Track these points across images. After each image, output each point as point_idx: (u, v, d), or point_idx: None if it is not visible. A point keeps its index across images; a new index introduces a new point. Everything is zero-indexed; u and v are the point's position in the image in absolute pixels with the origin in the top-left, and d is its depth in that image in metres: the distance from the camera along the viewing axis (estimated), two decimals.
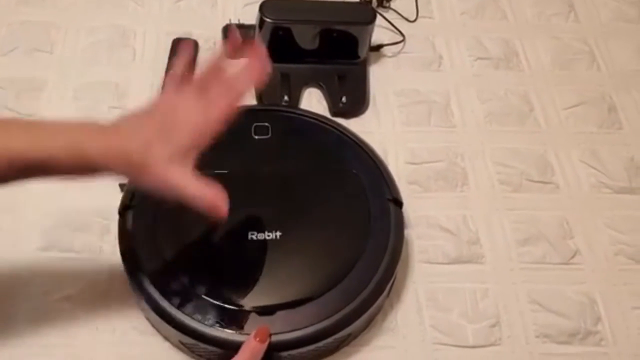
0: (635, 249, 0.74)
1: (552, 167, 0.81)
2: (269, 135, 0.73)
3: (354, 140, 0.74)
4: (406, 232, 0.68)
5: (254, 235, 0.64)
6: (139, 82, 0.84)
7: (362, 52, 0.87)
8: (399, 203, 0.69)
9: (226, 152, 0.71)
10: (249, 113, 0.77)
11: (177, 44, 0.88)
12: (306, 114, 0.77)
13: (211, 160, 0.68)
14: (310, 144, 0.73)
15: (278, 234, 0.64)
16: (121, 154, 0.49)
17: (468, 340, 0.66)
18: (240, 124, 0.73)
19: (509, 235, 0.74)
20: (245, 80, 0.54)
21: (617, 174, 0.80)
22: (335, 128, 0.75)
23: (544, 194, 0.78)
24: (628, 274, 0.73)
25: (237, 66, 0.54)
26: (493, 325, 0.67)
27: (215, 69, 0.54)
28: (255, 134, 0.73)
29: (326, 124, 0.75)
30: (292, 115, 0.77)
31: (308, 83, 0.86)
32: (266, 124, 0.73)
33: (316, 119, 0.76)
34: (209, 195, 0.50)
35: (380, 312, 0.67)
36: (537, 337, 0.67)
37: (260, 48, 0.55)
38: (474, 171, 0.80)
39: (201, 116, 0.50)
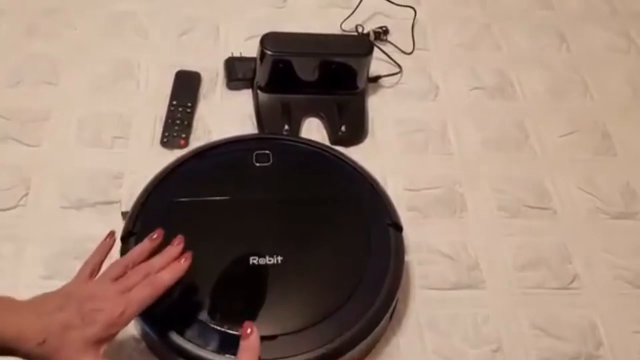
0: (633, 273, 0.75)
1: (549, 193, 0.82)
2: (270, 163, 0.74)
3: (353, 167, 0.75)
4: (406, 258, 0.69)
5: (255, 260, 0.65)
6: (142, 112, 0.86)
7: (361, 83, 0.89)
8: (398, 228, 0.69)
9: (228, 178, 0.72)
10: (250, 141, 0.78)
11: (180, 76, 0.90)
12: (306, 142, 0.79)
13: (213, 186, 0.71)
14: (310, 171, 0.74)
15: (279, 258, 0.65)
16: (38, 336, 0.49)
17: None
18: (242, 152, 0.75)
19: (508, 260, 0.75)
20: (166, 276, 0.55)
21: (613, 199, 0.81)
22: (335, 155, 0.76)
23: (541, 219, 0.79)
24: (627, 298, 0.73)
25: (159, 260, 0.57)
26: (495, 350, 0.67)
27: (137, 263, 0.57)
28: (257, 162, 0.74)
29: (326, 151, 0.77)
30: (293, 143, 0.78)
31: (308, 113, 0.88)
32: (267, 151, 0.75)
33: (316, 147, 0.77)
34: None
35: (382, 337, 0.67)
36: None
37: (179, 245, 0.58)
38: (473, 197, 0.81)
39: (119, 308, 0.52)
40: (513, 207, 0.80)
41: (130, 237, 0.67)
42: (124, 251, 0.66)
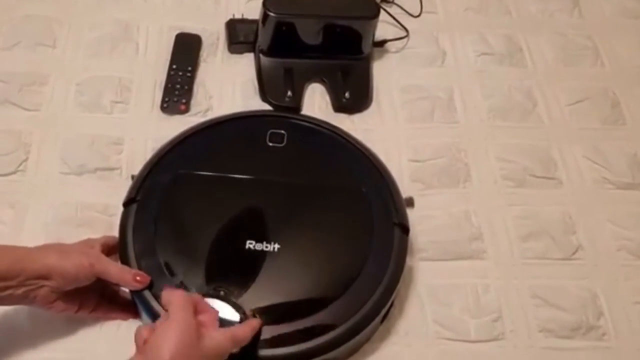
0: (637, 244, 0.74)
1: (555, 162, 0.81)
2: (284, 144, 0.71)
3: (369, 159, 0.71)
4: (410, 228, 0.68)
5: (251, 245, 0.63)
6: (142, 77, 0.85)
7: (366, 47, 0.87)
8: (405, 229, 0.66)
9: (238, 155, 0.70)
10: (266, 118, 0.75)
11: (180, 39, 0.88)
12: (325, 125, 0.75)
13: (222, 162, 0.68)
14: (324, 157, 0.71)
15: (276, 246, 0.63)
16: None
17: (470, 334, 0.66)
18: (257, 129, 0.72)
19: (511, 230, 0.74)
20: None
21: (620, 169, 0.80)
22: (352, 143, 0.73)
23: (546, 189, 0.78)
24: (630, 270, 0.73)
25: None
26: (495, 320, 0.68)
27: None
28: (270, 141, 0.71)
29: (344, 138, 0.73)
30: (310, 125, 0.75)
31: (311, 78, 0.86)
32: (282, 131, 0.72)
33: (334, 132, 0.74)
34: None
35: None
36: (539, 331, 0.67)
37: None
38: (477, 167, 0.80)
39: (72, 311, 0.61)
40: (518, 177, 0.79)
41: (132, 204, 0.66)
42: (123, 219, 0.66)
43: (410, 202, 0.73)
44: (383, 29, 0.90)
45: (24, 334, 0.63)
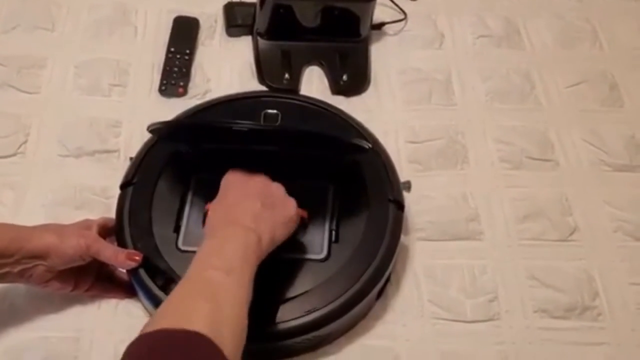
0: (634, 226, 0.74)
1: (552, 144, 0.81)
2: (278, 124, 0.71)
3: (365, 137, 0.71)
4: (406, 208, 0.68)
5: None
6: (140, 60, 0.85)
7: (364, 30, 0.87)
8: (400, 205, 0.67)
9: (233, 136, 0.70)
10: (259, 99, 0.75)
11: (178, 22, 0.88)
12: (319, 104, 0.75)
13: (217, 141, 0.68)
14: (318, 136, 0.71)
15: None
16: None
17: (466, 315, 0.67)
18: (251, 110, 0.72)
19: (508, 212, 0.75)
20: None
21: (617, 151, 0.80)
22: (351, 124, 0.73)
23: (544, 171, 0.78)
24: (626, 251, 0.73)
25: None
26: (491, 301, 0.68)
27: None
28: (265, 122, 0.71)
29: (339, 116, 0.73)
30: (305, 104, 0.75)
31: (309, 61, 0.86)
32: (276, 111, 0.72)
33: (329, 110, 0.74)
34: None
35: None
36: (535, 312, 0.68)
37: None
38: (475, 149, 0.80)
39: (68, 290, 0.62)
40: (515, 159, 0.79)
41: (129, 186, 0.67)
42: (120, 202, 0.66)
43: (406, 186, 0.73)
44: (381, 11, 0.90)
45: (21, 312, 0.64)
